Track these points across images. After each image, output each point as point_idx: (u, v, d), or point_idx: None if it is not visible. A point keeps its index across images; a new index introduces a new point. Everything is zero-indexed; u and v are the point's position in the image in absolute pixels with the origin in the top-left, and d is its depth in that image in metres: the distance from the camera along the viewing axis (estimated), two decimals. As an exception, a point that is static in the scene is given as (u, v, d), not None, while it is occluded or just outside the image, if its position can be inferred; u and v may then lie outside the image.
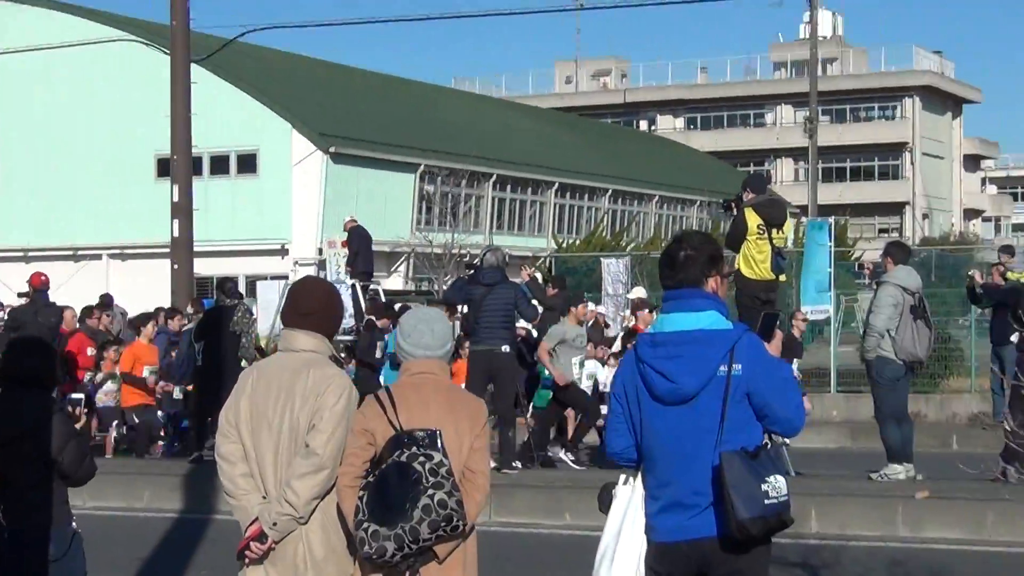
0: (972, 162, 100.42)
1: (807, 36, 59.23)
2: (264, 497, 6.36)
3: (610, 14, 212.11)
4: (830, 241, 26.14)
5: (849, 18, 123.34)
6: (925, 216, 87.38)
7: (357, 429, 6.26)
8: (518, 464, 16.73)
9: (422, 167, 51.06)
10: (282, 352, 6.57)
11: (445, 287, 26.25)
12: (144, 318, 20.93)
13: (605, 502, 6.39)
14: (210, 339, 18.26)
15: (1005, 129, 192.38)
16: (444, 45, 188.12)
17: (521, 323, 18.78)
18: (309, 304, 6.56)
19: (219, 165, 48.16)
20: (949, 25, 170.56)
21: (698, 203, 64.49)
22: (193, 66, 27.24)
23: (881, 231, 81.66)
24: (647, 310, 19.84)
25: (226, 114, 46.10)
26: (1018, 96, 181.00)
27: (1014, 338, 17.40)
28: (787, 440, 16.57)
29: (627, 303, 24.07)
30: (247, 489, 6.39)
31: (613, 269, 30.16)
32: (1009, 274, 20.93)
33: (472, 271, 17.50)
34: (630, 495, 6.31)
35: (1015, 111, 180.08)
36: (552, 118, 73.57)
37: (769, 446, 6.26)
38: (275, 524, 6.27)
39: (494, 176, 55.37)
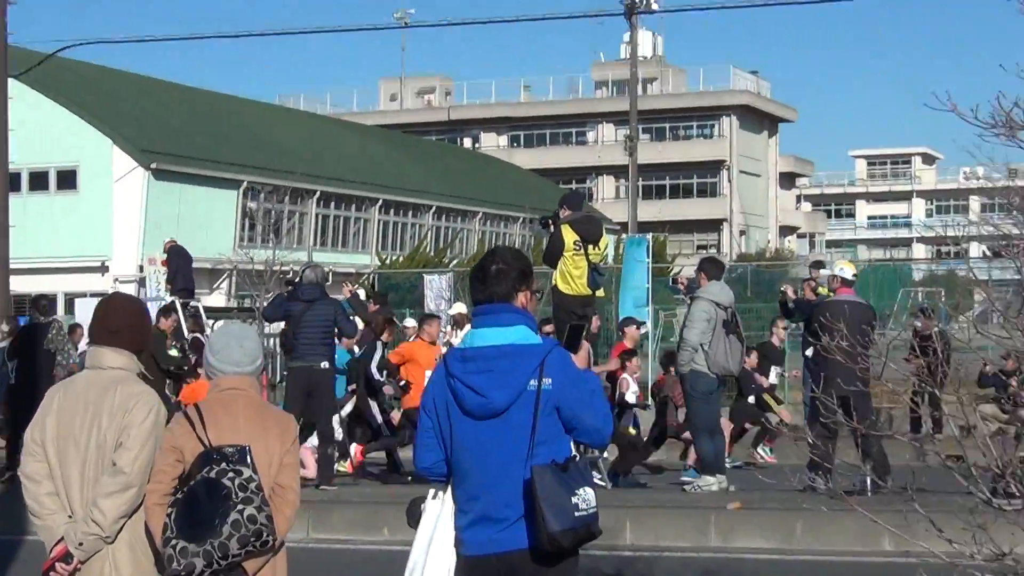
0: (787, 180, 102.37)
1: (628, 56, 59.96)
2: (70, 516, 6.30)
3: (435, 32, 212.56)
4: (648, 257, 26.55)
5: (669, 38, 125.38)
6: (742, 232, 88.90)
7: (166, 446, 6.25)
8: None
9: (245, 184, 50.72)
10: (89, 369, 6.53)
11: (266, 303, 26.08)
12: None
13: (414, 517, 6.43)
14: (24, 357, 18.00)
15: (819, 148, 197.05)
16: (269, 62, 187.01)
17: (343, 339, 18.73)
18: (118, 321, 6.52)
19: (38, 181, 47.36)
20: (765, 46, 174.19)
21: (521, 220, 64.87)
22: (11, 81, 26.79)
23: (700, 247, 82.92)
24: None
25: (45, 130, 45.33)
26: (831, 115, 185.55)
27: (808, 352, 17.81)
28: (601, 453, 16.82)
29: (449, 319, 24.17)
30: (53, 508, 6.32)
31: (436, 285, 30.30)
32: (820, 289, 21.37)
33: (291, 287, 17.48)
34: (439, 509, 6.36)
35: (828, 130, 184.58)
36: (376, 135, 73.48)
37: (578, 458, 6.34)
38: (81, 544, 6.21)
39: (318, 193, 55.16)
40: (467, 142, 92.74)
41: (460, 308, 22.68)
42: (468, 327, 18.43)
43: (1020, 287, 6.52)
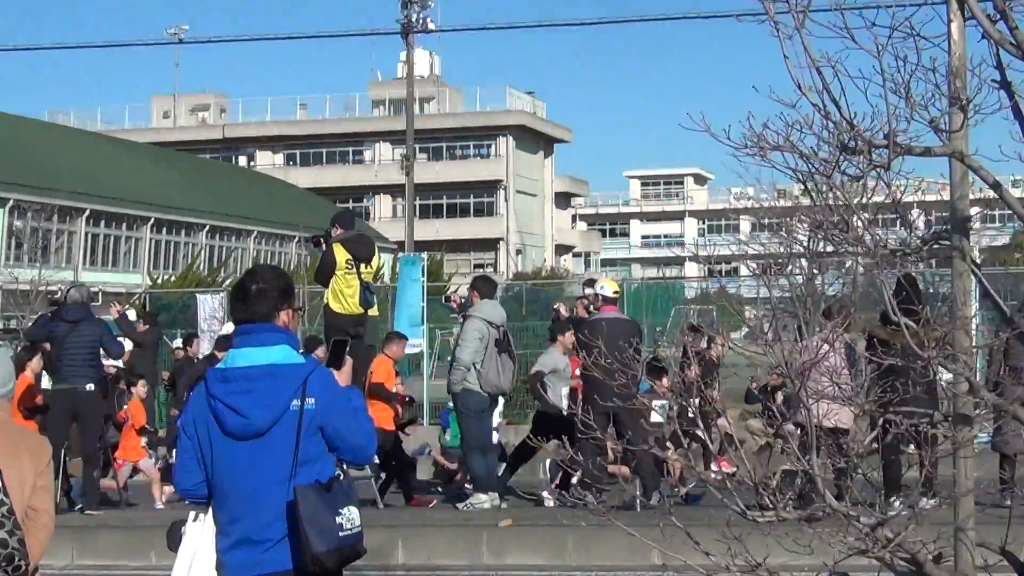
0: (563, 199, 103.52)
1: (405, 75, 60.04)
2: None
3: (209, 49, 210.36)
4: (423, 276, 26.58)
5: (446, 58, 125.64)
6: (519, 251, 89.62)
7: (-87, 472, 6.04)
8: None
9: (11, 201, 49.53)
10: None
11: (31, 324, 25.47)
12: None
13: (175, 540, 6.32)
14: None
15: (593, 168, 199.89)
16: (38, 77, 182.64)
17: (109, 360, 18.41)
18: None
19: None
20: (541, 67, 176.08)
21: (297, 239, 64.51)
22: None
23: (476, 266, 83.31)
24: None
25: None
26: (605, 136, 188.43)
27: (578, 371, 17.94)
28: (377, 473, 16.75)
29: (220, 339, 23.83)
30: None
31: (209, 305, 29.83)
32: (592, 308, 21.62)
33: (55, 308, 17.08)
34: (200, 532, 6.27)
35: (602, 151, 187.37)
36: (149, 153, 72.35)
37: (342, 477, 6.31)
38: None
39: (87, 211, 54.12)
40: (242, 160, 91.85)
41: (230, 328, 22.40)
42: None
43: (789, 304, 6.68)
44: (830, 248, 6.30)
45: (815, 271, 6.47)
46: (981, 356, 14.47)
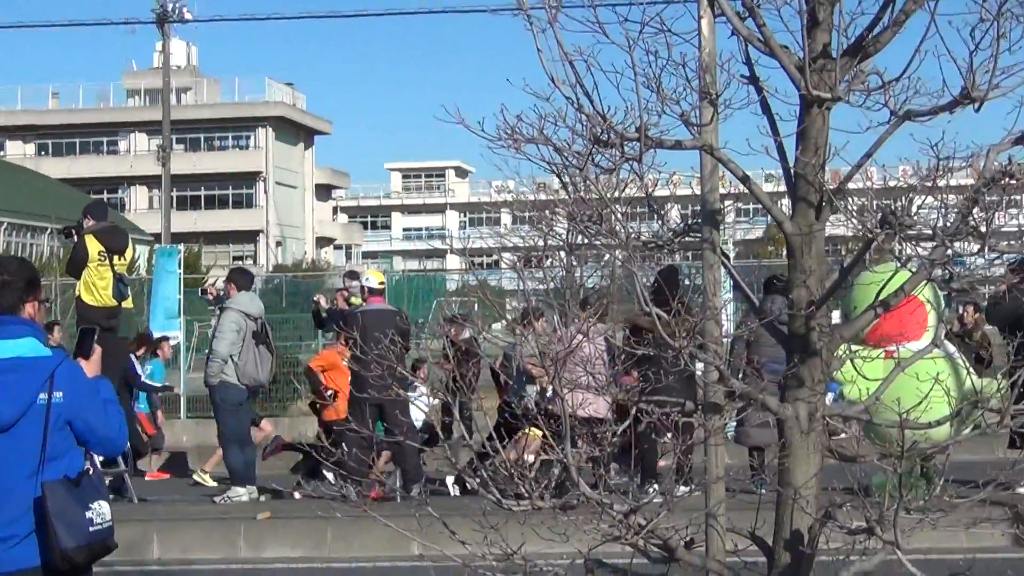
0: (324, 191, 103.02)
1: (161, 65, 59.04)
2: None
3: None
4: (179, 268, 26.27)
5: (203, 48, 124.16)
6: (279, 244, 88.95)
7: None
8: None
9: None
10: None
11: None
12: None
13: (-85, 540, 6.14)
14: None
15: (354, 160, 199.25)
16: None
17: None
18: None
19: None
20: (300, 59, 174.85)
21: (49, 231, 62.92)
22: None
23: (236, 258, 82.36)
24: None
25: None
26: (366, 128, 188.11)
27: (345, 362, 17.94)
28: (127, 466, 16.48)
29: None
30: None
31: (-45, 299, 29.02)
32: (352, 299, 21.59)
33: None
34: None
35: (363, 143, 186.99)
36: None
37: (92, 471, 6.21)
38: None
39: None
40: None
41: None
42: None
43: (547, 295, 6.76)
44: (586, 241, 6.36)
45: (574, 263, 6.54)
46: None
